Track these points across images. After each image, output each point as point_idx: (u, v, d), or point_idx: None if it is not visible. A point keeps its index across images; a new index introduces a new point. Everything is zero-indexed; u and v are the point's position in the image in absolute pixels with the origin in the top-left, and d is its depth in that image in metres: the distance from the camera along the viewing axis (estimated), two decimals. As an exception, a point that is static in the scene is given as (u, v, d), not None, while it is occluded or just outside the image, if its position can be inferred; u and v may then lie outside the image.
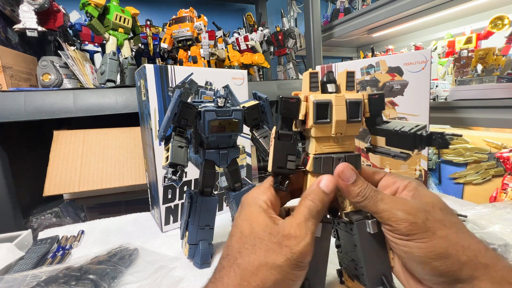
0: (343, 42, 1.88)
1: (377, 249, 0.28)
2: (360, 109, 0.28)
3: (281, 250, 0.23)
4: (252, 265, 0.23)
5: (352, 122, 0.28)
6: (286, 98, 0.28)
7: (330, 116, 0.27)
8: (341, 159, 0.28)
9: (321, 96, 0.28)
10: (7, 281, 0.39)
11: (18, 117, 0.70)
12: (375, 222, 0.28)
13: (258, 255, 0.23)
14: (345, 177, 0.26)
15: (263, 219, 0.25)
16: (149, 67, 0.53)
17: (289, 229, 0.24)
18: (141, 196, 0.77)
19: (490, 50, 1.07)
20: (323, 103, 0.27)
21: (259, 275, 0.23)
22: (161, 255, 0.48)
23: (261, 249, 0.24)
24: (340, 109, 0.27)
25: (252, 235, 0.24)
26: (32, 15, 0.77)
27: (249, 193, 0.29)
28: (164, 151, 0.40)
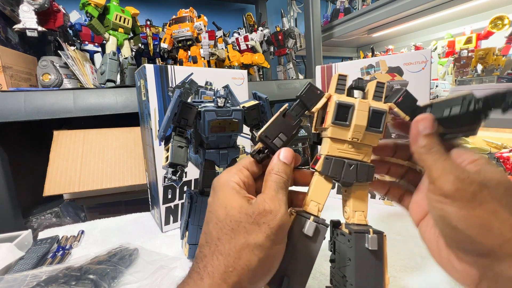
0: (343, 42, 1.89)
1: (372, 268, 0.26)
2: (382, 120, 0.27)
3: (260, 228, 0.23)
4: (234, 249, 0.23)
5: (372, 131, 0.27)
6: (312, 86, 0.28)
7: (350, 119, 0.27)
8: (352, 166, 0.27)
9: (345, 98, 0.28)
10: (7, 281, 0.39)
11: (18, 117, 0.70)
12: (375, 239, 0.26)
13: (238, 238, 0.23)
14: (422, 126, 0.25)
15: (237, 201, 0.25)
16: (149, 67, 0.53)
17: (263, 205, 0.24)
18: (141, 196, 0.77)
19: (490, 50, 1.07)
20: (345, 104, 0.27)
21: (242, 258, 0.23)
22: (161, 255, 0.48)
23: (240, 232, 0.23)
24: (362, 114, 0.27)
25: (228, 219, 0.24)
26: (32, 15, 0.77)
27: (220, 175, 0.28)
28: (164, 151, 0.40)
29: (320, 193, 0.28)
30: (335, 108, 0.27)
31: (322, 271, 0.41)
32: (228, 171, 0.28)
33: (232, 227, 0.24)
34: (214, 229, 0.25)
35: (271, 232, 0.23)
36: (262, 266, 0.23)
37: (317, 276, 0.40)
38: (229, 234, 0.24)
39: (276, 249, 0.24)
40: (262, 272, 0.23)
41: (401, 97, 0.27)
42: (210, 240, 0.24)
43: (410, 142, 0.26)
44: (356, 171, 0.28)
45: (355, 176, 0.28)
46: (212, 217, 0.25)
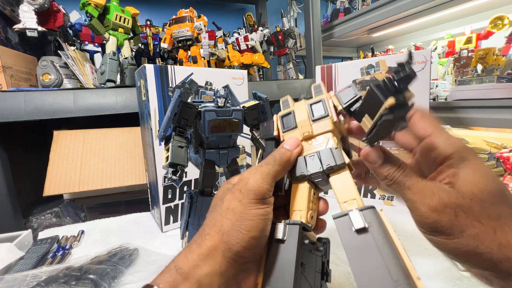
0: (343, 42, 1.89)
1: (374, 254, 0.20)
2: (323, 105, 0.28)
3: (234, 195, 0.25)
4: (210, 219, 0.25)
5: (318, 119, 0.28)
6: (262, 124, 0.33)
7: (294, 122, 0.29)
8: (313, 156, 0.27)
9: (285, 110, 0.31)
10: (7, 281, 0.39)
11: (18, 117, 0.70)
12: (358, 214, 0.22)
13: (217, 210, 0.26)
14: (371, 159, 0.26)
15: (225, 186, 0.28)
16: (149, 67, 0.53)
17: (241, 176, 0.26)
18: (141, 196, 0.77)
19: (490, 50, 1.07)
20: (285, 114, 0.30)
21: (216, 224, 0.24)
22: (161, 255, 0.48)
23: (219, 205, 0.26)
24: (300, 111, 0.29)
25: (215, 200, 0.27)
26: (32, 15, 0.77)
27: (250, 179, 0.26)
28: (164, 151, 0.40)
29: (298, 200, 0.27)
30: (280, 121, 0.31)
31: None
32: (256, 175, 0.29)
33: (215, 204, 0.27)
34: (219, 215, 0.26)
35: (242, 196, 0.24)
36: (235, 228, 0.23)
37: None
38: (211, 210, 0.27)
39: (250, 213, 0.24)
40: (237, 235, 0.23)
41: (344, 89, 0.28)
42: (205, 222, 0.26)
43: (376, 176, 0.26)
44: (319, 159, 0.27)
45: (320, 165, 0.26)
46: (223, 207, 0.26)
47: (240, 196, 0.24)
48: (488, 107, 0.88)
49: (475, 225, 0.21)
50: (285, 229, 0.25)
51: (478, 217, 0.21)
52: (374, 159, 0.25)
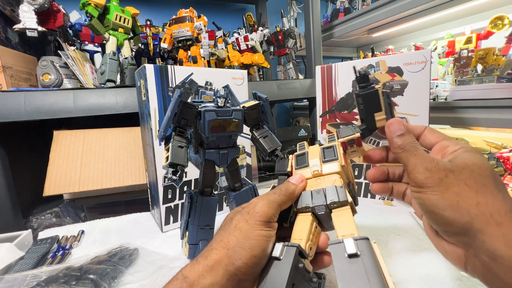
0: (343, 42, 1.89)
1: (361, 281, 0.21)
2: (335, 150, 0.33)
3: (242, 216, 0.28)
4: (219, 236, 0.28)
5: (328, 161, 0.32)
6: (279, 161, 0.38)
7: (307, 161, 0.34)
8: (320, 192, 0.30)
9: (300, 151, 0.37)
10: (7, 281, 0.39)
11: (18, 117, 0.70)
12: (351, 242, 0.23)
13: (226, 228, 0.29)
14: (393, 129, 0.30)
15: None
16: (149, 67, 0.53)
17: (250, 201, 0.30)
18: (141, 196, 0.77)
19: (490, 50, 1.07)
20: (300, 154, 0.36)
21: (224, 240, 0.27)
22: (161, 255, 0.48)
23: (229, 224, 0.29)
24: (313, 153, 0.34)
25: (225, 220, 0.31)
26: (32, 15, 0.77)
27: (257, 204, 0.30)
28: (164, 151, 0.40)
29: (300, 230, 0.29)
30: (294, 159, 0.36)
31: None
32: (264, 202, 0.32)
33: (225, 224, 0.30)
34: (226, 232, 0.29)
35: (249, 217, 0.28)
36: (239, 245, 0.26)
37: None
38: (221, 228, 0.30)
39: (254, 233, 0.26)
40: (240, 252, 0.25)
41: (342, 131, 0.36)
42: (214, 238, 0.29)
43: (389, 144, 0.31)
44: (324, 194, 0.30)
45: (324, 199, 0.29)
46: (232, 226, 0.29)
47: (247, 217, 0.28)
48: (488, 107, 0.88)
49: (461, 184, 0.24)
50: (282, 249, 0.27)
51: (466, 181, 0.24)
52: (396, 129, 0.30)
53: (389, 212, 0.60)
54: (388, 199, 0.64)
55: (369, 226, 0.54)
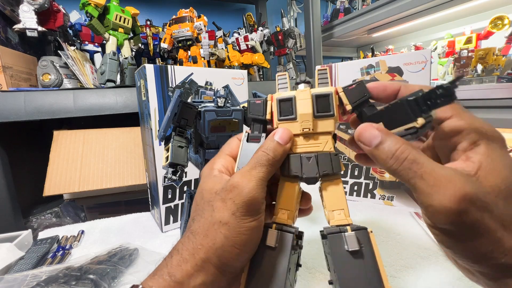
0: (343, 42, 1.89)
1: (360, 275, 0.22)
2: (330, 102, 0.25)
3: (226, 205, 0.22)
4: (202, 228, 0.23)
5: (322, 116, 0.25)
6: (251, 101, 0.28)
7: (294, 111, 0.26)
8: (311, 158, 0.25)
9: (285, 94, 0.26)
10: (7, 281, 0.39)
11: (18, 117, 0.70)
12: (353, 237, 0.22)
13: (206, 217, 0.23)
14: (366, 140, 0.21)
15: (212, 183, 0.25)
16: (149, 67, 0.53)
17: (231, 181, 0.23)
18: (141, 196, 0.77)
19: (490, 50, 1.07)
20: (285, 98, 0.26)
21: (209, 235, 0.22)
22: (161, 255, 0.48)
23: (207, 210, 0.23)
24: (304, 102, 0.25)
25: (202, 201, 0.25)
26: (32, 15, 0.77)
27: (205, 166, 0.28)
28: (164, 151, 0.40)
29: (286, 198, 0.26)
30: (277, 105, 0.26)
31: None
32: (211, 160, 0.28)
33: (203, 208, 0.24)
34: (192, 213, 0.26)
35: (236, 208, 0.22)
36: (229, 243, 0.22)
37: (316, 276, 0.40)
38: (200, 214, 0.24)
39: (244, 226, 0.22)
40: (231, 250, 0.22)
41: (354, 85, 0.25)
42: (188, 225, 0.25)
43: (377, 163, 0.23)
44: (316, 163, 0.25)
45: (316, 169, 0.25)
46: (193, 204, 0.26)
47: (233, 208, 0.22)
48: (488, 107, 0.88)
49: (497, 227, 0.17)
50: (277, 236, 0.24)
51: (502, 217, 0.17)
52: (370, 138, 0.21)
53: (389, 212, 0.60)
54: (388, 199, 0.64)
55: (369, 226, 0.54)
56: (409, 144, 0.20)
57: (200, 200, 0.25)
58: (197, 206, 0.25)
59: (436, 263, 0.42)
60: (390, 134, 0.21)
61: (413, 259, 0.43)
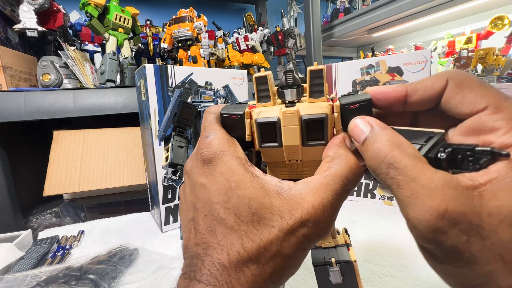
0: (343, 42, 1.89)
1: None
2: (324, 128, 0.19)
3: (297, 241, 0.17)
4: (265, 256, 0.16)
5: (312, 145, 0.20)
6: (226, 114, 0.21)
7: (280, 138, 0.20)
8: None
9: (267, 111, 0.20)
10: (7, 281, 0.39)
11: (18, 117, 0.70)
12: (337, 273, 0.23)
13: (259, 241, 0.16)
14: (355, 135, 0.18)
15: (260, 190, 0.17)
16: (149, 67, 0.53)
17: (309, 210, 0.16)
18: (141, 196, 0.77)
19: (490, 50, 1.07)
20: (267, 122, 0.19)
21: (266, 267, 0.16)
22: (161, 255, 0.48)
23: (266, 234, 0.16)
24: (291, 130, 0.19)
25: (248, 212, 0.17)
26: (32, 15, 0.77)
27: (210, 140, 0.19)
28: (164, 151, 0.40)
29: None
30: (257, 129, 0.20)
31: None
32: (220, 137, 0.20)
33: (249, 222, 0.17)
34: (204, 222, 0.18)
35: (309, 245, 0.17)
36: (288, 274, 0.18)
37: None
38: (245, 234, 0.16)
39: (306, 255, 0.18)
40: (287, 277, 0.18)
41: (357, 105, 0.19)
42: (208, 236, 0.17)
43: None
44: None
45: None
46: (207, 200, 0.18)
47: (307, 245, 0.17)
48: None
49: (491, 259, 0.13)
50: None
51: (502, 248, 0.13)
52: (358, 133, 0.17)
53: (389, 212, 0.60)
54: (388, 199, 0.64)
55: (369, 226, 0.54)
56: (396, 140, 0.16)
57: (244, 208, 0.17)
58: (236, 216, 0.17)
59: (436, 263, 0.42)
60: (383, 127, 0.17)
61: (413, 259, 0.43)
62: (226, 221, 0.17)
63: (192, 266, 0.17)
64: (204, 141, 0.19)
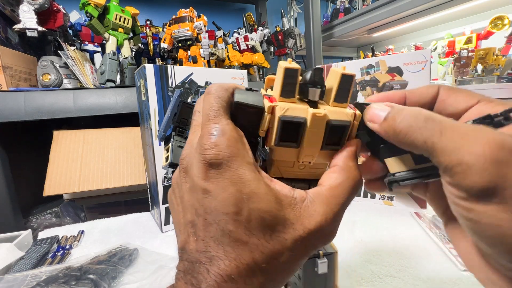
0: (343, 42, 1.89)
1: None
2: (344, 135, 0.19)
3: (307, 251, 0.17)
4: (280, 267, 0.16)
5: (328, 149, 0.20)
6: (243, 104, 0.19)
7: (300, 139, 0.19)
8: (304, 188, 0.20)
9: (293, 109, 0.18)
10: (7, 281, 0.39)
11: (18, 117, 0.70)
12: (325, 264, 0.25)
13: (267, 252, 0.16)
14: (374, 117, 0.18)
15: (273, 202, 0.16)
16: (148, 67, 0.53)
17: (320, 222, 0.17)
18: (141, 196, 0.77)
19: (490, 50, 1.07)
20: (293, 121, 0.18)
21: (269, 275, 0.17)
22: (161, 255, 0.48)
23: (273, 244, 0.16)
24: (316, 133, 0.19)
25: (261, 224, 0.16)
26: (32, 15, 0.77)
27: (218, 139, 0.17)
28: (164, 151, 0.40)
29: None
30: (279, 126, 0.18)
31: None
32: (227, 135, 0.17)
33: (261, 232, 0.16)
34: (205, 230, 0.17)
35: (314, 251, 0.18)
36: (290, 276, 0.18)
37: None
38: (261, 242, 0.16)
39: (300, 265, 0.19)
40: (288, 279, 0.18)
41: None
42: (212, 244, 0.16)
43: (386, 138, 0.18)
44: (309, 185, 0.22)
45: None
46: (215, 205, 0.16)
47: (313, 250, 0.18)
48: (488, 107, 0.88)
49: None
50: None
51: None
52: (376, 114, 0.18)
53: (389, 212, 0.60)
54: (388, 199, 0.64)
55: (369, 226, 0.54)
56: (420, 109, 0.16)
57: (257, 222, 0.16)
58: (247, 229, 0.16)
59: (436, 263, 0.42)
60: (402, 107, 0.17)
61: (413, 259, 0.43)
62: (235, 234, 0.16)
63: (194, 273, 0.16)
64: (210, 139, 0.17)
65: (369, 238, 0.50)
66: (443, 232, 0.49)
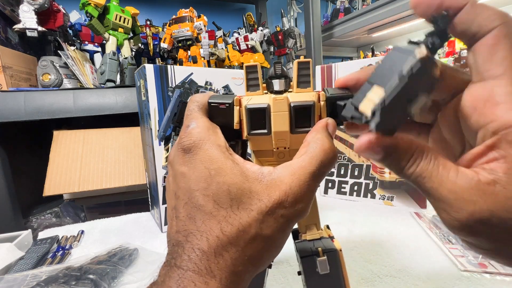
0: (343, 42, 1.89)
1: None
2: (312, 115, 0.21)
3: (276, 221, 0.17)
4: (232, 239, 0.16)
5: (301, 132, 0.20)
6: (215, 103, 0.21)
7: (269, 125, 0.21)
8: None
9: (257, 98, 0.21)
10: (7, 281, 0.39)
11: (18, 117, 0.70)
12: (325, 262, 0.23)
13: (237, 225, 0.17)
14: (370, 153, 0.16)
15: (239, 175, 0.18)
16: (148, 67, 0.53)
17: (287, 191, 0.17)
18: (141, 196, 0.77)
19: (490, 50, 1.07)
20: (257, 108, 0.20)
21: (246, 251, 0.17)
22: (161, 255, 0.48)
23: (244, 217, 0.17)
24: (280, 116, 0.20)
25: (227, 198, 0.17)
26: (32, 15, 0.77)
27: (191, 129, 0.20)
28: (164, 151, 0.40)
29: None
30: (247, 115, 0.21)
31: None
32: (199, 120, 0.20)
33: (228, 207, 0.17)
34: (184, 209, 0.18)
35: (288, 226, 0.18)
36: (269, 256, 0.18)
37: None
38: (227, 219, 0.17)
39: (285, 240, 0.19)
40: (268, 260, 0.19)
41: (344, 104, 0.19)
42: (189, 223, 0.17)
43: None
44: None
45: None
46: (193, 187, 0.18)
47: (286, 225, 0.17)
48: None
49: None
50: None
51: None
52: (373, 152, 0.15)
53: (389, 212, 0.60)
54: (388, 199, 0.64)
55: (369, 226, 0.54)
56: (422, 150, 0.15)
57: (223, 194, 0.17)
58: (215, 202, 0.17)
59: (436, 263, 0.42)
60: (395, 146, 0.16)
61: (413, 259, 0.43)
62: (205, 208, 0.17)
63: (173, 254, 0.17)
64: (185, 131, 0.20)
65: (369, 238, 0.50)
66: (443, 232, 0.49)
